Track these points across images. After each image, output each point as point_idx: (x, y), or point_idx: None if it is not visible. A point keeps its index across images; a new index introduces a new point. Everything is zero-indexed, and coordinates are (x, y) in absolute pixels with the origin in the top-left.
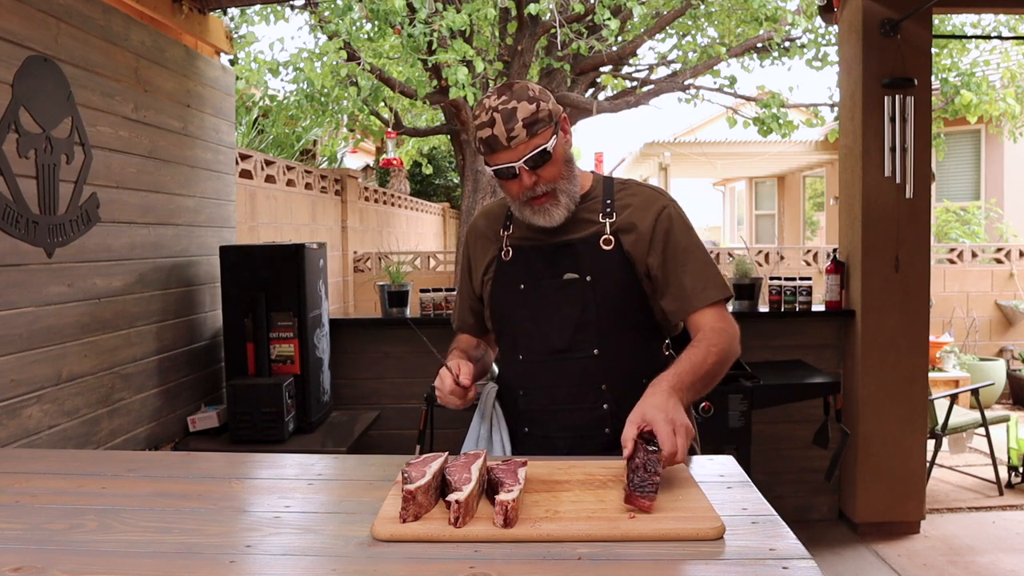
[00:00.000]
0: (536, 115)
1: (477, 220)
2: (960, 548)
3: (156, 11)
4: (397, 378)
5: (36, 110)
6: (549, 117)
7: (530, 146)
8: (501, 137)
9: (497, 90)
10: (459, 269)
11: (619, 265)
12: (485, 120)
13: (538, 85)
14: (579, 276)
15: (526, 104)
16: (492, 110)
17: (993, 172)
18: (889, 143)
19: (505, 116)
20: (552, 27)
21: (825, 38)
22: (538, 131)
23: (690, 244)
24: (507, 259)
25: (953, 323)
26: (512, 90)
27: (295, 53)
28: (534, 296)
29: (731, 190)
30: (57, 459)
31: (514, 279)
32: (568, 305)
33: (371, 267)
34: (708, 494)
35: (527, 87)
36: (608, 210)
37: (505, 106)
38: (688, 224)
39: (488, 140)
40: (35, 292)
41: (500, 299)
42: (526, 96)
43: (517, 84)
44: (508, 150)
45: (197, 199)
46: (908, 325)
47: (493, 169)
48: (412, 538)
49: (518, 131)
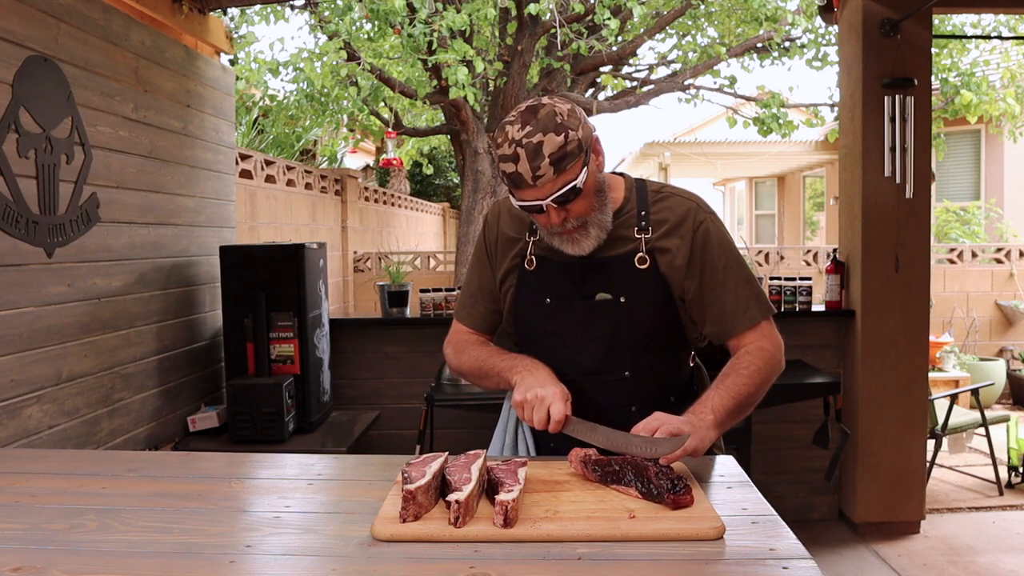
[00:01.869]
0: (564, 148)
1: (500, 214)
2: (960, 548)
3: (156, 11)
4: (397, 378)
5: (36, 110)
6: (579, 148)
7: (558, 183)
8: (526, 175)
9: (521, 116)
10: (473, 259)
11: (654, 285)
12: (508, 154)
13: (566, 105)
14: (612, 297)
15: (553, 136)
16: (516, 144)
17: (993, 172)
18: (889, 143)
19: (530, 152)
20: (552, 27)
21: (825, 38)
22: (566, 167)
23: (729, 261)
24: (531, 269)
25: (953, 323)
26: (537, 118)
27: (295, 53)
28: (562, 314)
29: (731, 190)
30: (57, 459)
31: (539, 292)
32: (600, 327)
33: (371, 267)
34: (708, 494)
35: (554, 112)
36: (643, 224)
37: (530, 140)
38: (726, 238)
39: (512, 176)
40: (35, 292)
41: (523, 312)
42: (553, 125)
43: (543, 109)
44: (534, 188)
45: (197, 199)
46: (908, 325)
47: (519, 205)
48: (412, 538)
49: (544, 169)
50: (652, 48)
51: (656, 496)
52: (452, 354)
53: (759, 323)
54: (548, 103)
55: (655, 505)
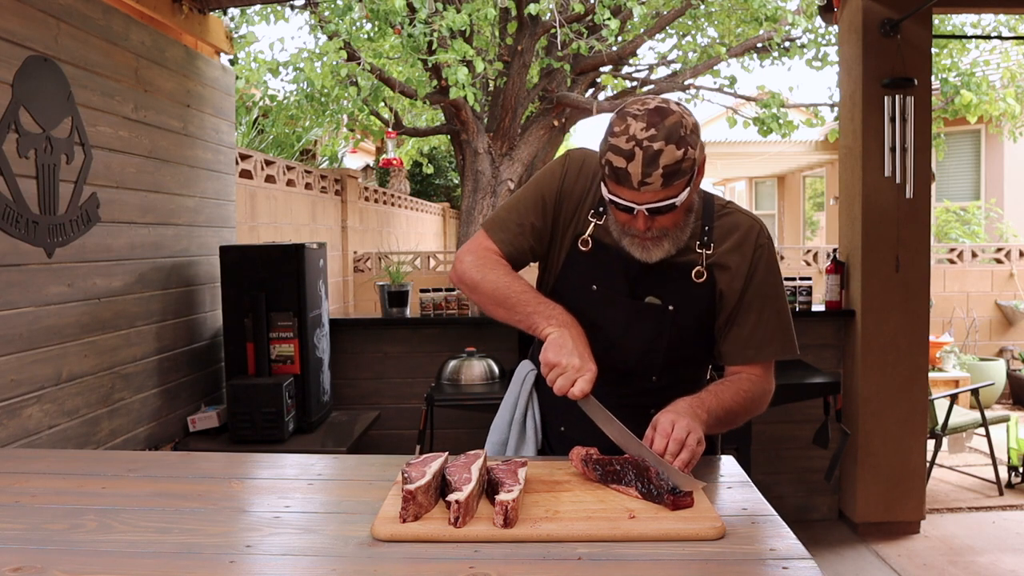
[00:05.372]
0: (679, 164)
1: (581, 168)
2: (960, 548)
3: (156, 11)
4: (397, 378)
5: (36, 110)
6: (691, 167)
7: (660, 196)
8: (634, 177)
9: (648, 116)
10: (533, 189)
11: (706, 300)
12: (624, 148)
13: (692, 119)
14: (661, 303)
15: (673, 149)
16: (635, 142)
17: (993, 172)
18: (889, 143)
19: (647, 157)
20: (552, 27)
21: (825, 38)
22: (674, 183)
23: (770, 291)
24: (585, 250)
25: (953, 323)
26: (664, 123)
27: (295, 53)
28: (606, 307)
29: (731, 190)
30: (57, 459)
31: (588, 277)
32: (642, 330)
33: (371, 267)
34: (708, 494)
35: (681, 123)
36: (706, 238)
37: (651, 144)
38: (777, 269)
39: (618, 171)
40: (35, 292)
41: (566, 291)
42: (676, 137)
43: (671, 117)
44: (636, 191)
45: (197, 199)
46: (908, 325)
47: (610, 199)
48: (412, 538)
49: (654, 179)
50: (652, 48)
51: (656, 496)
52: (473, 266)
53: (771, 361)
54: (678, 111)
55: (655, 505)
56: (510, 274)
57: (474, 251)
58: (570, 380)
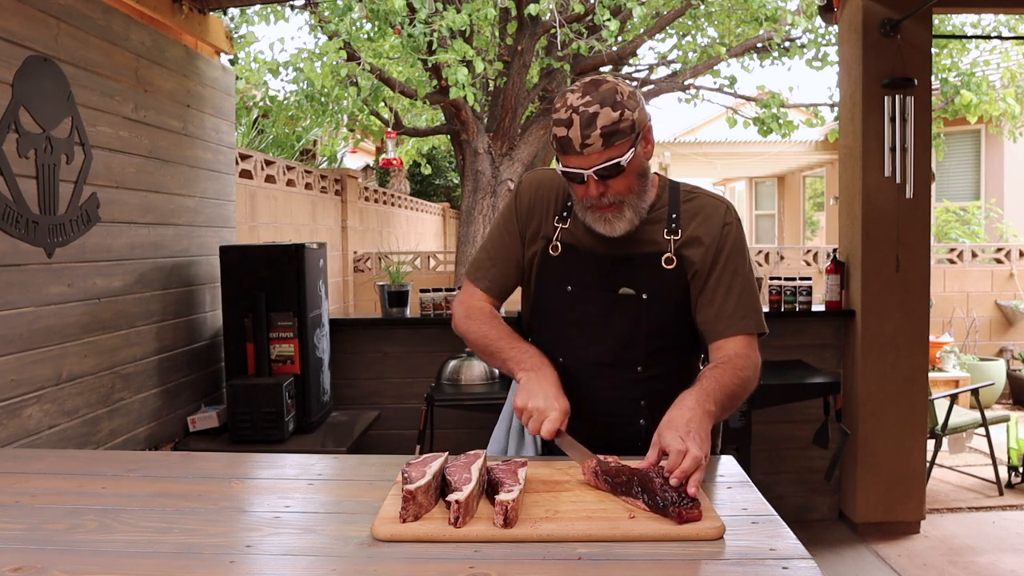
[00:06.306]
0: (617, 125)
1: (536, 188)
2: (960, 548)
3: (156, 11)
4: (397, 378)
5: (36, 110)
6: (631, 128)
7: (603, 157)
8: (575, 141)
9: (583, 86)
10: (499, 222)
11: (678, 285)
12: (563, 118)
13: (629, 86)
14: (635, 293)
15: (609, 111)
16: (572, 109)
17: (993, 172)
18: (889, 143)
19: (584, 121)
20: (552, 27)
21: (825, 38)
22: (615, 142)
23: (739, 268)
24: (555, 255)
25: (953, 323)
26: (598, 90)
27: (295, 53)
28: (583, 304)
29: (731, 190)
30: (57, 459)
31: (562, 279)
32: (619, 321)
33: (371, 267)
34: (708, 494)
35: (616, 89)
36: (673, 226)
37: (586, 108)
38: (744, 246)
39: (561, 140)
40: (35, 292)
41: (544, 296)
42: (611, 100)
43: (606, 84)
44: (580, 156)
45: (197, 199)
46: (908, 325)
47: (562, 171)
48: (412, 538)
49: (594, 139)
50: (652, 48)
51: (662, 508)
52: (462, 317)
53: (750, 333)
54: (613, 81)
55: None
56: (489, 321)
57: (462, 302)
58: (538, 423)
